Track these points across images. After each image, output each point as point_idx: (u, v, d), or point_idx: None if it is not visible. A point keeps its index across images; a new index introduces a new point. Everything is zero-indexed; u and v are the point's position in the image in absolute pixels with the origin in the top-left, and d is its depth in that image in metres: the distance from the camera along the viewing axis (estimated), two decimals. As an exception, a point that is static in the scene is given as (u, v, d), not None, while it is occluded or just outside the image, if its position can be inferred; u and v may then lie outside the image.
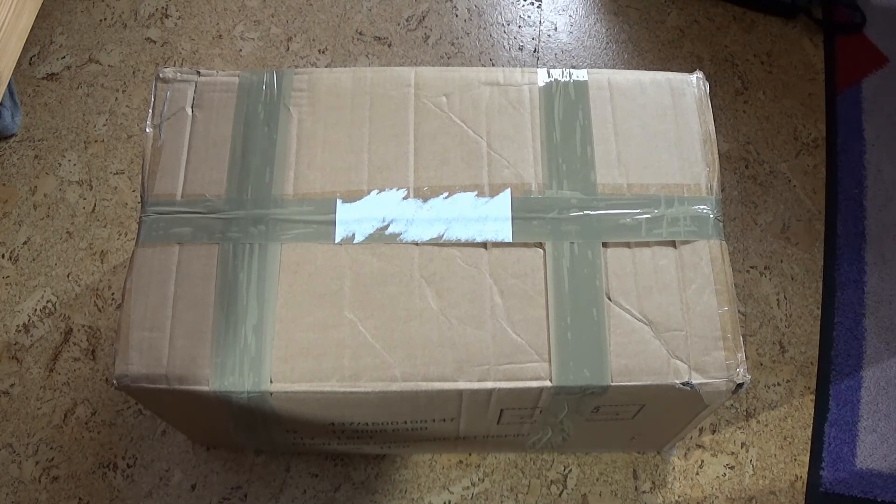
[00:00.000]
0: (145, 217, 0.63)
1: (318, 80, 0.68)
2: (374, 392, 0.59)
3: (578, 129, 0.66)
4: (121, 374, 0.59)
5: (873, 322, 0.89)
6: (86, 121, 0.99)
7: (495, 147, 0.65)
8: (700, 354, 0.59)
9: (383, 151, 0.65)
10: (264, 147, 0.65)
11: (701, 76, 0.69)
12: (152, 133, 0.66)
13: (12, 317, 0.88)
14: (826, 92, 1.03)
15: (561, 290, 0.61)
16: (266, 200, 0.63)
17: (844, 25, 1.07)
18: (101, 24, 1.06)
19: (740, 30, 1.08)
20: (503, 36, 1.07)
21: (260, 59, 1.04)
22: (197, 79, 0.68)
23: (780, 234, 0.94)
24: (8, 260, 0.91)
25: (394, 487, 0.81)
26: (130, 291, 0.61)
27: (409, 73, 0.68)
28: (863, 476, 0.82)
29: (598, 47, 1.06)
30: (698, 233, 0.63)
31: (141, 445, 0.82)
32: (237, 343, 0.59)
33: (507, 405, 0.63)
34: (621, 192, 0.64)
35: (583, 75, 0.68)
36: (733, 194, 0.96)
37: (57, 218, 0.93)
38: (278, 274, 0.61)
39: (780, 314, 0.90)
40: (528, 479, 0.81)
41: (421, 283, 0.61)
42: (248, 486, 0.81)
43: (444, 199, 0.64)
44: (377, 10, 1.08)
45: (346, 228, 0.63)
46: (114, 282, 0.90)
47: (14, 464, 0.81)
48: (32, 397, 0.84)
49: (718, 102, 1.02)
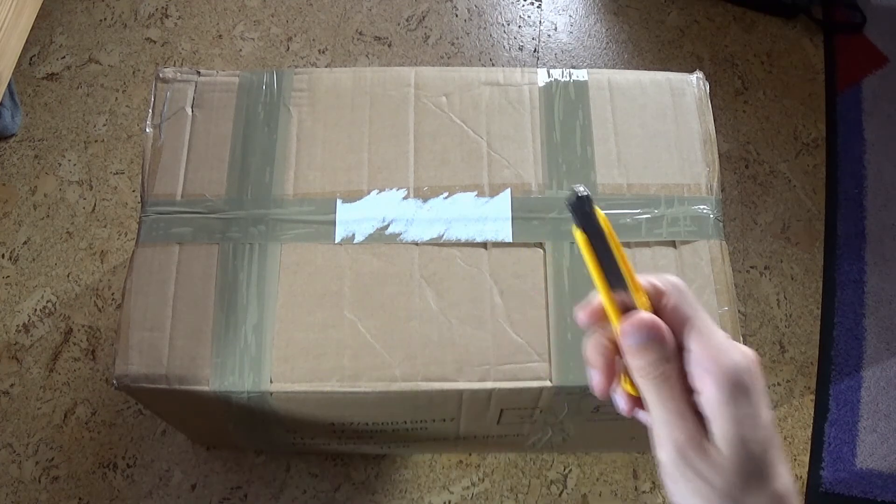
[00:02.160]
0: (145, 217, 0.63)
1: (318, 80, 0.68)
2: (374, 392, 0.58)
3: (578, 129, 0.66)
4: (121, 374, 0.59)
5: (873, 322, 0.89)
6: (86, 121, 0.99)
7: (495, 147, 0.65)
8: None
9: (383, 151, 0.65)
10: (264, 147, 0.65)
11: (701, 76, 0.69)
12: (152, 133, 0.66)
13: (12, 317, 0.88)
14: (826, 92, 1.03)
15: (561, 290, 0.61)
16: (266, 200, 0.63)
17: (844, 25, 1.07)
18: (101, 24, 1.06)
19: (740, 30, 1.08)
20: (503, 36, 1.07)
21: (260, 59, 1.04)
22: (197, 79, 0.68)
23: (780, 234, 0.94)
24: (8, 260, 0.91)
25: (394, 487, 0.81)
26: (130, 291, 0.61)
27: (409, 73, 0.68)
28: (863, 476, 0.82)
29: (598, 47, 1.06)
30: (698, 233, 0.63)
31: (141, 445, 0.82)
32: (237, 343, 0.59)
33: (507, 405, 0.63)
34: (621, 192, 0.64)
35: (583, 75, 0.68)
36: (733, 194, 0.96)
37: (57, 218, 0.93)
38: (278, 274, 0.61)
39: (780, 314, 0.90)
40: (528, 479, 0.81)
41: (421, 283, 0.61)
42: (248, 486, 0.81)
43: (444, 199, 0.64)
44: (377, 10, 1.08)
45: (346, 228, 0.63)
46: (114, 282, 0.90)
47: (14, 464, 0.81)
48: (32, 397, 0.84)
49: (718, 102, 1.02)
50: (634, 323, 0.32)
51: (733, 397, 0.30)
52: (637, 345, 0.32)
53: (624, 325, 0.33)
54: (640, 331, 0.32)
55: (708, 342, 0.32)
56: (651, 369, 0.32)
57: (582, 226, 0.33)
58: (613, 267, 0.33)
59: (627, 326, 0.32)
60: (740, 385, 0.31)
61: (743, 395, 0.31)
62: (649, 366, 0.32)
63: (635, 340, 0.32)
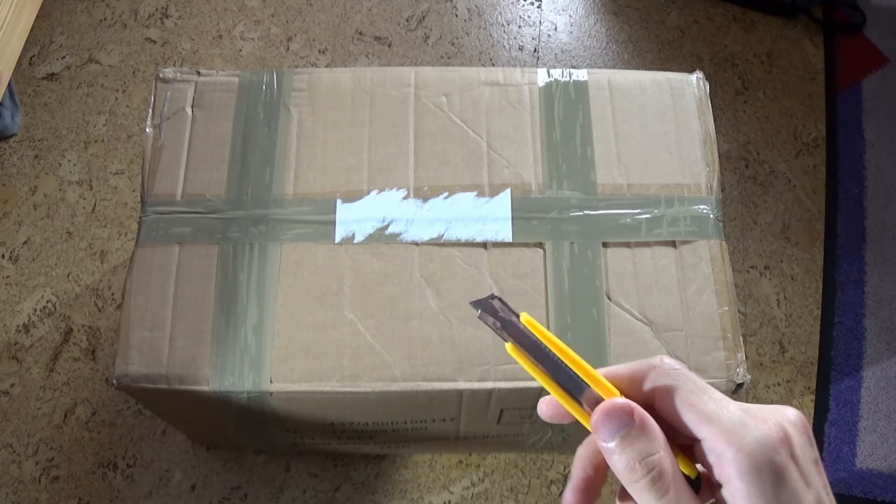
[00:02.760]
0: (145, 217, 0.63)
1: (318, 80, 0.68)
2: (374, 392, 0.58)
3: (578, 129, 0.66)
4: (121, 374, 0.59)
5: (873, 322, 0.89)
6: (86, 121, 0.99)
7: (495, 147, 0.65)
8: (700, 354, 0.59)
9: (383, 151, 0.65)
10: (264, 147, 0.65)
11: (701, 76, 0.69)
12: (152, 133, 0.66)
13: (12, 317, 0.88)
14: (826, 92, 1.03)
15: (561, 290, 0.61)
16: (266, 200, 0.63)
17: (844, 25, 1.07)
18: (101, 24, 1.06)
19: (740, 30, 1.08)
20: (503, 36, 1.07)
21: (260, 59, 1.04)
22: (197, 79, 0.68)
23: (780, 234, 0.94)
24: (8, 260, 0.91)
25: (394, 487, 0.81)
26: (130, 291, 0.61)
27: (409, 73, 0.68)
28: (863, 476, 0.82)
29: (598, 47, 1.06)
30: (698, 233, 0.63)
31: (141, 445, 0.82)
32: (237, 343, 0.59)
33: (507, 405, 0.63)
34: (621, 192, 0.64)
35: (583, 75, 0.68)
36: (733, 194, 0.96)
37: (57, 218, 0.93)
38: (278, 274, 0.61)
39: (780, 314, 0.90)
40: (528, 479, 0.81)
41: (421, 283, 0.61)
42: (248, 486, 0.81)
43: (444, 199, 0.64)
44: (377, 10, 1.08)
45: (346, 228, 0.63)
46: (114, 282, 0.90)
47: (14, 464, 0.81)
48: (32, 397, 0.84)
49: (718, 102, 1.02)
50: (604, 409, 0.26)
51: (761, 486, 0.23)
52: (614, 436, 0.25)
53: (593, 418, 0.26)
54: (611, 416, 0.26)
55: (713, 417, 0.25)
56: (640, 468, 0.25)
57: (507, 335, 0.28)
58: (563, 371, 0.28)
59: (597, 417, 0.26)
60: (769, 467, 0.23)
61: (777, 481, 0.23)
62: (636, 462, 0.25)
63: (610, 431, 0.26)
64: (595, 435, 0.26)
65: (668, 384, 0.26)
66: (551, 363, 0.28)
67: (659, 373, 0.27)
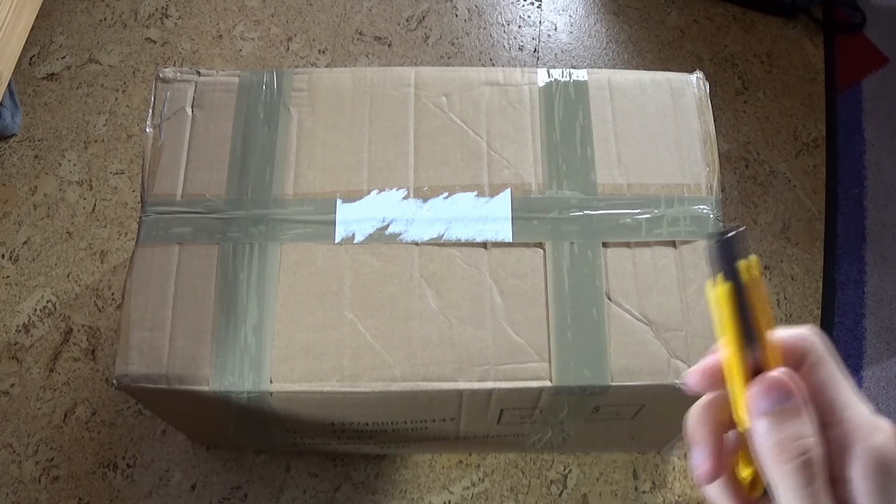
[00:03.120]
0: (145, 217, 0.63)
1: (318, 80, 0.68)
2: (374, 392, 0.59)
3: (578, 129, 0.66)
4: (121, 374, 0.59)
5: (873, 322, 0.89)
6: (86, 121, 0.99)
7: (495, 147, 0.65)
8: (700, 354, 0.59)
9: (383, 151, 0.65)
10: (264, 147, 0.65)
11: (701, 76, 0.69)
12: (152, 133, 0.66)
13: (12, 317, 0.88)
14: (826, 92, 1.03)
15: (561, 290, 0.61)
16: (266, 200, 0.63)
17: (844, 25, 1.07)
18: (101, 24, 1.06)
19: (740, 30, 1.08)
20: (503, 36, 1.07)
21: (260, 59, 1.04)
22: (197, 79, 0.68)
23: (780, 234, 0.94)
24: (8, 260, 0.91)
25: (394, 487, 0.81)
26: (130, 291, 0.61)
27: (409, 73, 0.68)
28: (863, 476, 0.82)
29: (598, 47, 1.06)
30: (698, 233, 0.63)
31: (141, 445, 0.82)
32: (237, 343, 0.59)
33: (507, 405, 0.63)
34: (621, 192, 0.64)
35: (583, 75, 0.68)
36: (733, 194, 0.96)
37: (57, 218, 0.93)
38: (278, 274, 0.61)
39: (780, 314, 0.90)
40: (528, 479, 0.81)
41: (421, 283, 0.61)
42: (248, 486, 0.81)
43: (444, 199, 0.64)
44: (377, 10, 1.08)
45: (346, 228, 0.63)
46: (114, 282, 0.90)
47: (14, 464, 0.81)
48: (32, 397, 0.84)
49: (718, 102, 1.02)
50: (768, 382, 0.25)
51: (884, 490, 0.24)
52: (772, 413, 0.25)
53: (753, 387, 0.25)
54: (775, 392, 0.25)
55: (853, 417, 0.25)
56: (792, 449, 0.24)
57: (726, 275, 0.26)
58: (748, 319, 0.26)
59: (758, 388, 0.25)
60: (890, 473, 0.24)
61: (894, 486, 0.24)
62: (789, 443, 0.24)
63: (769, 402, 0.25)
64: (750, 402, 0.25)
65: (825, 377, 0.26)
66: (745, 319, 0.26)
67: (819, 359, 0.26)
